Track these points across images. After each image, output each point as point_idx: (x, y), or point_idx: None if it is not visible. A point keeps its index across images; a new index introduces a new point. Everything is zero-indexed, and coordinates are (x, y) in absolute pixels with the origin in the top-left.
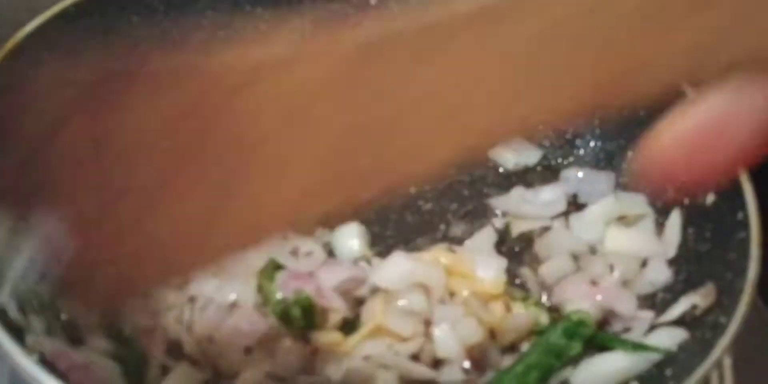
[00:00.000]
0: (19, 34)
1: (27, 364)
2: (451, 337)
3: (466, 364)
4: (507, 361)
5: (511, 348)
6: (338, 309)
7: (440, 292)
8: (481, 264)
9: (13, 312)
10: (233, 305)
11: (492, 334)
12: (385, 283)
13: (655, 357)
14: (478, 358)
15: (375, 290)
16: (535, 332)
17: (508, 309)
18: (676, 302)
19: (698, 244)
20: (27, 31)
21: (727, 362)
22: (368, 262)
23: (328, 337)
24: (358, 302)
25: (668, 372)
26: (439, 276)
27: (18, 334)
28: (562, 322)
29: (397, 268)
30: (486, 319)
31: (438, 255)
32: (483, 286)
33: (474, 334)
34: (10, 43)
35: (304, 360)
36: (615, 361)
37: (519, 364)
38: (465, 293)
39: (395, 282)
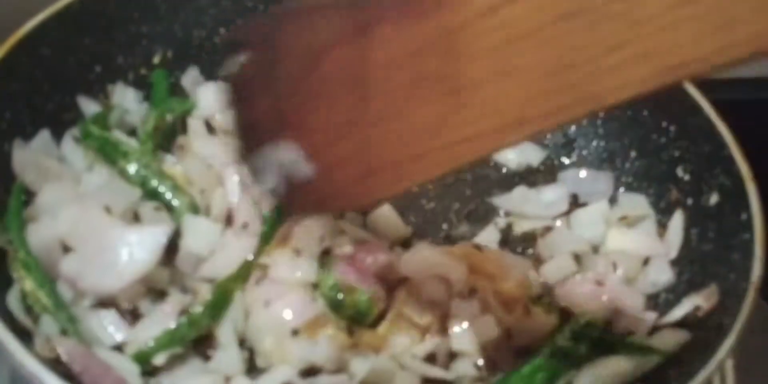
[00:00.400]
0: (22, 29)
1: (30, 363)
2: (468, 331)
3: (480, 362)
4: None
5: (527, 351)
6: (378, 296)
7: (460, 286)
8: (507, 265)
9: (20, 314)
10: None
11: (509, 334)
12: (407, 270)
13: (658, 359)
14: (493, 357)
15: (403, 280)
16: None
17: (527, 312)
18: (679, 303)
19: (701, 245)
20: (30, 26)
21: (730, 363)
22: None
23: (371, 335)
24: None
25: (671, 373)
26: (460, 270)
27: (24, 335)
28: (570, 325)
29: (420, 257)
30: (504, 319)
31: (465, 251)
32: (506, 287)
33: (490, 331)
34: (13, 39)
35: (343, 352)
36: (619, 364)
37: (526, 366)
38: (486, 292)
39: (417, 270)
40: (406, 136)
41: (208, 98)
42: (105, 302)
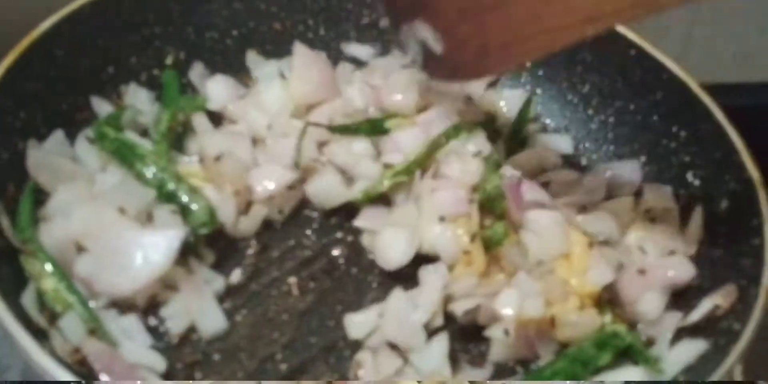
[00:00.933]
0: (36, 30)
1: (44, 360)
2: (515, 300)
3: (511, 329)
4: None
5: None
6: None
7: (539, 261)
8: (596, 267)
9: (35, 313)
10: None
11: (553, 322)
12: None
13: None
14: (533, 341)
15: None
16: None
17: (582, 307)
18: (699, 304)
19: (711, 250)
20: (44, 27)
21: (738, 369)
22: None
23: None
24: None
25: (681, 377)
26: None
27: (38, 333)
28: (597, 334)
29: (554, 218)
30: (555, 306)
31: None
32: (582, 284)
33: (534, 310)
34: (27, 40)
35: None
36: (634, 375)
37: (545, 368)
38: (559, 278)
39: (540, 227)
40: (512, 22)
41: (218, 90)
42: (119, 303)
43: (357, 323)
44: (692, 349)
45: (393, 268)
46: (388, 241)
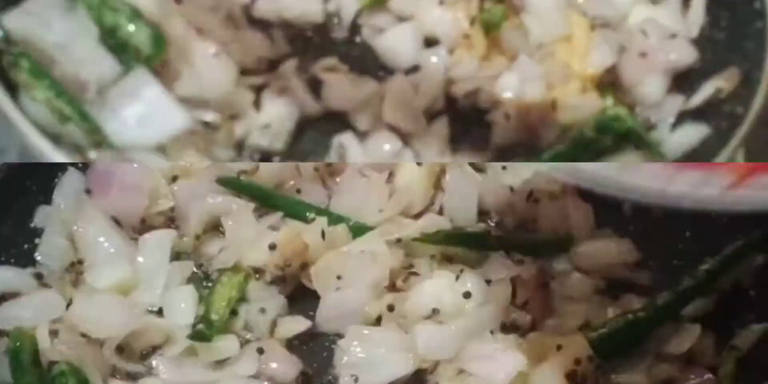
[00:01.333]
0: None
1: (38, 140)
2: (514, 85)
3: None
4: None
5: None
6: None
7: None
8: (597, 50)
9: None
10: None
11: (554, 105)
12: None
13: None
14: (535, 125)
15: None
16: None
17: (583, 89)
18: (701, 87)
19: (714, 33)
20: None
21: (741, 152)
22: None
23: None
24: None
25: (685, 159)
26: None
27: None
28: (597, 116)
29: None
30: (556, 88)
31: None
32: (583, 66)
33: (535, 93)
34: None
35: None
36: (635, 159)
37: (548, 152)
38: (560, 58)
39: None
40: None
41: None
42: None
43: None
44: (694, 132)
45: (405, 67)
46: (395, 39)
